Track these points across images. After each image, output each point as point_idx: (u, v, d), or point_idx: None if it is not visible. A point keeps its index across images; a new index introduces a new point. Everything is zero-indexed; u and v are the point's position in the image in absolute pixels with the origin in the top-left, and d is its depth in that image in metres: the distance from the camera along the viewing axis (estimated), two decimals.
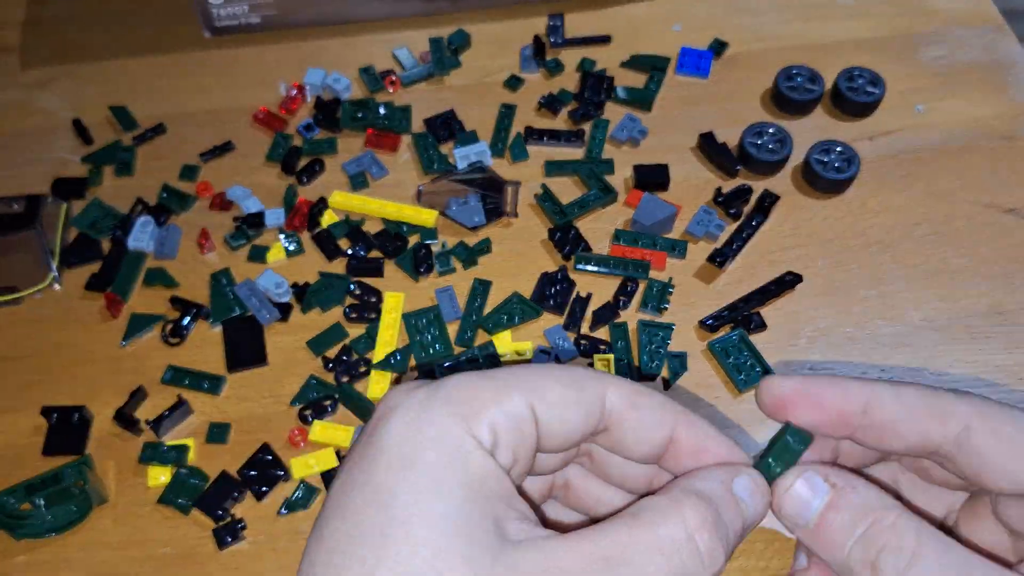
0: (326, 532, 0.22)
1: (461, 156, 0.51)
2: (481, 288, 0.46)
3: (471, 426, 0.23)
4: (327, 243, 0.48)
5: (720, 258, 0.46)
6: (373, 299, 0.46)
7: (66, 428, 0.43)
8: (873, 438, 0.26)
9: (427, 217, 0.49)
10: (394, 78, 0.55)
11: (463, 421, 0.22)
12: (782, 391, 0.26)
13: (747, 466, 0.26)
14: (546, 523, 0.28)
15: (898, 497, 0.26)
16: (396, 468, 0.22)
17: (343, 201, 0.50)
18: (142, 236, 0.48)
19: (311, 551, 0.22)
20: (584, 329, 0.45)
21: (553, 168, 0.51)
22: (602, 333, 0.45)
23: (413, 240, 0.49)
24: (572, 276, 0.47)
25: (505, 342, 0.44)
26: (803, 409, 0.26)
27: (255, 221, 0.49)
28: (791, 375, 0.27)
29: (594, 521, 0.23)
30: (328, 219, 0.49)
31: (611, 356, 0.43)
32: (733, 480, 0.25)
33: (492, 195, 0.49)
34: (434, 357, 0.44)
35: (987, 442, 0.24)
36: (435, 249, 0.48)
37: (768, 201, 0.49)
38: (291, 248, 0.48)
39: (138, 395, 0.43)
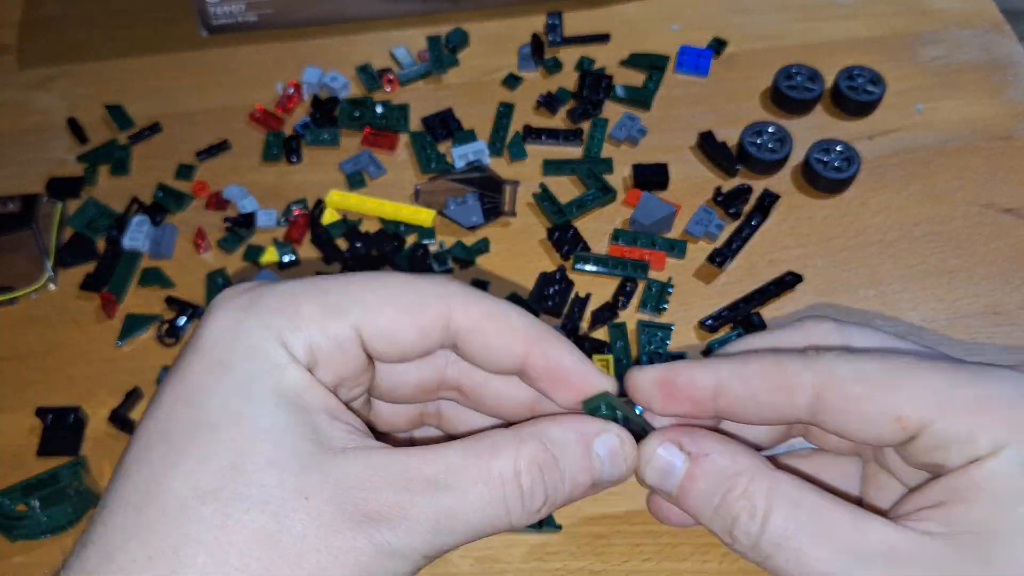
0: (139, 431, 0.22)
1: (459, 155, 0.51)
2: (479, 288, 0.46)
3: (286, 339, 0.22)
4: (326, 245, 0.48)
5: (719, 258, 0.46)
6: None
7: (61, 429, 0.42)
8: (736, 419, 0.25)
9: (425, 216, 0.48)
10: (392, 77, 0.54)
11: (278, 335, 0.22)
12: (643, 385, 0.26)
13: (616, 425, 0.24)
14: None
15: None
16: (208, 371, 0.22)
17: (340, 200, 0.49)
18: (137, 235, 0.48)
19: (127, 449, 0.22)
20: (583, 329, 0.45)
21: (552, 167, 0.51)
22: (601, 333, 0.45)
23: (411, 240, 0.48)
24: (571, 276, 0.47)
25: None
26: (664, 401, 0.25)
27: (246, 221, 0.49)
28: (653, 365, 0.26)
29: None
30: (329, 217, 0.49)
31: (610, 357, 0.43)
32: (597, 436, 0.24)
33: (490, 194, 0.49)
34: None
35: (838, 406, 0.23)
36: (433, 249, 0.48)
37: (768, 200, 0.48)
38: (286, 260, 0.48)
39: (134, 396, 0.43)
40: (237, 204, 0.50)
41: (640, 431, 0.25)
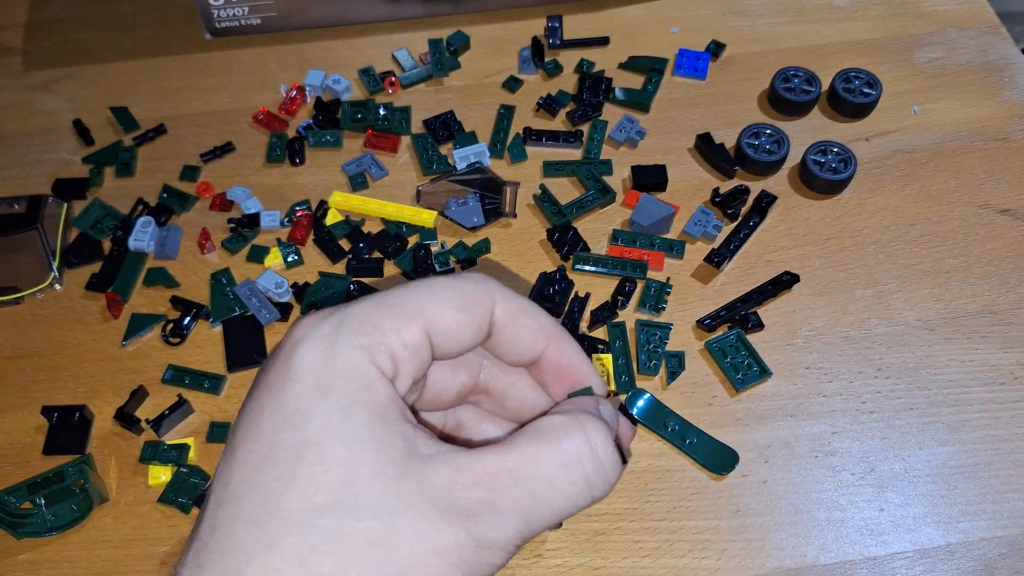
0: (239, 455, 0.23)
1: (460, 157, 0.51)
2: None
3: (375, 356, 0.24)
4: (329, 245, 0.49)
5: (718, 258, 0.47)
6: None
7: (67, 427, 0.43)
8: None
9: (426, 217, 0.49)
10: (393, 79, 0.55)
11: (367, 352, 0.24)
12: None
13: (606, 399, 0.28)
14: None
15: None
16: (307, 396, 0.23)
17: (343, 201, 0.50)
18: (142, 236, 0.48)
19: (224, 472, 0.23)
20: (583, 328, 0.45)
21: (552, 169, 0.51)
22: (600, 332, 0.45)
23: (412, 240, 0.49)
24: (571, 276, 0.47)
25: None
26: None
27: (250, 222, 0.49)
28: None
29: None
30: (332, 218, 0.49)
31: (609, 356, 0.44)
32: (599, 404, 0.27)
33: (491, 196, 0.50)
34: None
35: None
36: (434, 249, 0.48)
37: (765, 201, 0.49)
38: (290, 260, 0.48)
39: (139, 394, 0.44)
40: (241, 205, 0.50)
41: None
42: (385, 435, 0.23)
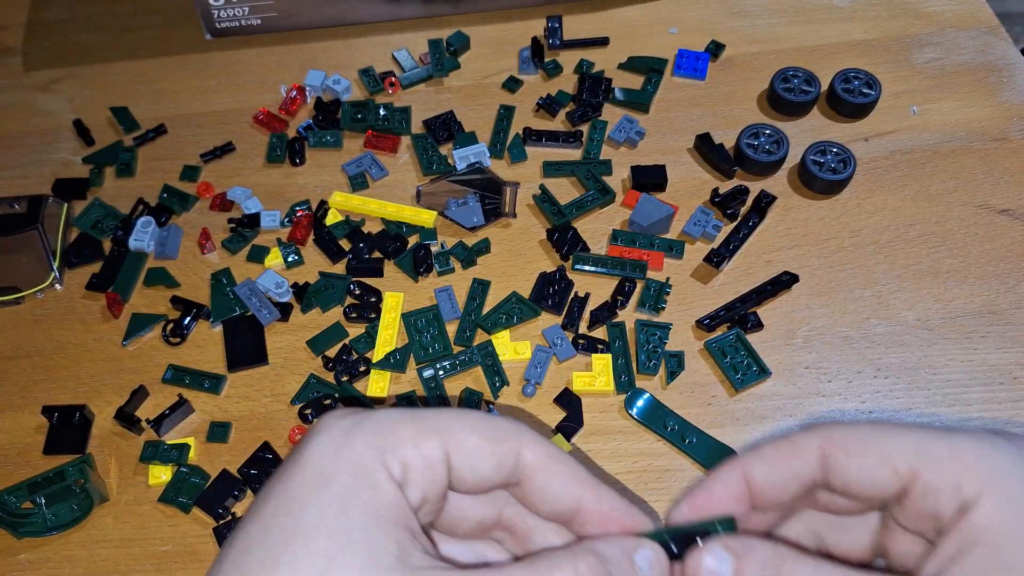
0: (239, 534, 0.23)
1: (460, 157, 0.51)
2: (480, 288, 0.47)
3: (385, 458, 0.24)
4: (329, 245, 0.49)
5: (717, 258, 0.47)
6: (373, 299, 0.46)
7: (67, 427, 0.43)
8: (764, 497, 0.28)
9: (426, 218, 0.49)
10: (394, 80, 0.55)
11: (379, 452, 0.24)
12: (684, 513, 0.28)
13: (650, 540, 0.27)
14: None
15: (821, 546, 0.29)
16: (310, 484, 0.23)
17: (343, 201, 0.50)
18: (143, 236, 0.48)
19: (223, 551, 0.23)
20: (582, 328, 0.45)
21: (551, 169, 0.51)
22: (600, 332, 0.45)
23: (412, 240, 0.49)
24: (570, 276, 0.47)
25: (504, 341, 0.45)
26: (706, 510, 0.28)
27: (250, 223, 0.49)
28: (685, 497, 0.28)
29: None
30: (332, 218, 0.50)
31: (608, 356, 0.44)
32: (636, 550, 0.26)
33: (491, 196, 0.50)
34: (433, 356, 0.44)
35: (840, 460, 0.27)
36: (434, 249, 0.48)
37: (765, 202, 0.49)
38: (290, 260, 0.48)
39: (139, 394, 0.44)
40: (241, 205, 0.51)
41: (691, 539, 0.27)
42: (379, 537, 0.23)
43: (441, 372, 0.44)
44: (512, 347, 0.44)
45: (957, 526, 0.25)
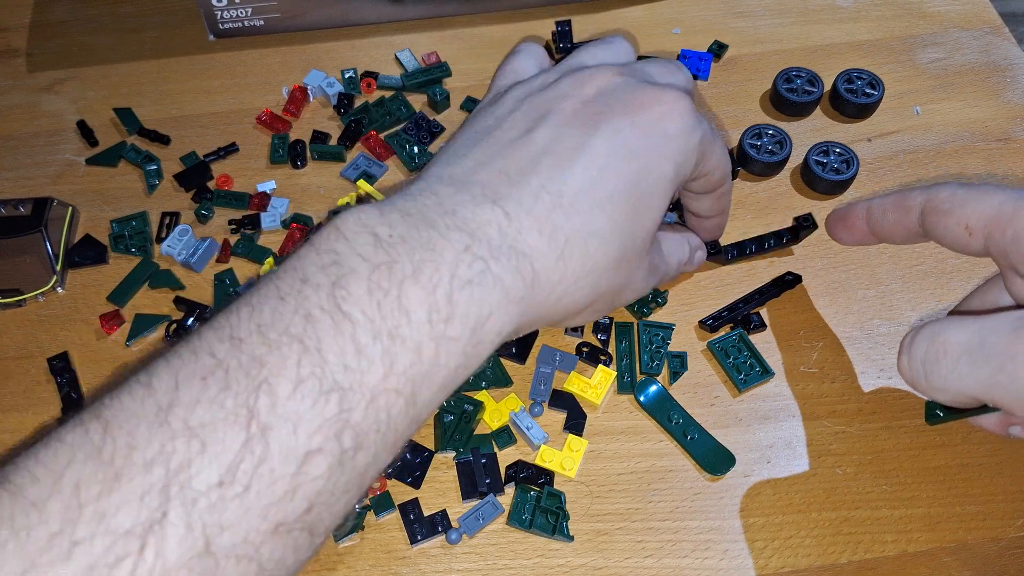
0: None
1: None
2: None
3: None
4: None
5: (719, 256, 0.47)
6: None
7: None
8: (877, 234, 0.37)
9: None
10: (371, 81, 0.55)
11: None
12: (829, 222, 0.41)
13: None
14: None
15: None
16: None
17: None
18: (176, 243, 0.48)
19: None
20: (587, 330, 0.45)
21: None
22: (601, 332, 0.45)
23: None
24: None
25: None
26: (843, 230, 0.40)
27: (251, 223, 0.49)
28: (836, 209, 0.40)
29: None
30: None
31: (613, 372, 0.43)
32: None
33: None
34: None
35: (930, 219, 0.33)
36: None
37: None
38: None
39: None
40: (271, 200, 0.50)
41: None
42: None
43: None
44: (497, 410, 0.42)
45: None
